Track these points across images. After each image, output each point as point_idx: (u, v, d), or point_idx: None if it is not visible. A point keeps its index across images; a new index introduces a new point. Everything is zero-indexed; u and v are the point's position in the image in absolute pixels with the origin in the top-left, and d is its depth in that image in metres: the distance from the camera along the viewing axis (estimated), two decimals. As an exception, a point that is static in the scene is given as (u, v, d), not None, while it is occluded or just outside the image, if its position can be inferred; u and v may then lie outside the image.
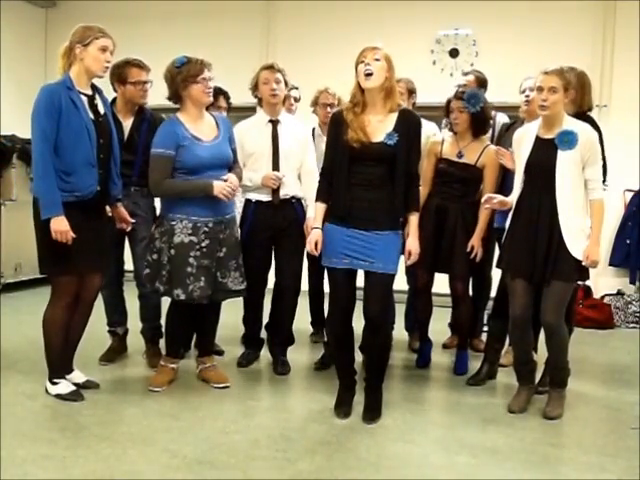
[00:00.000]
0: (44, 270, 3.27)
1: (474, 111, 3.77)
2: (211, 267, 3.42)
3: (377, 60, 2.98)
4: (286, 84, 3.85)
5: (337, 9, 6.42)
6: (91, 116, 3.18)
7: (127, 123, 3.78)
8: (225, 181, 3.38)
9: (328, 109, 4.15)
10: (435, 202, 3.85)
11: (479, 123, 3.83)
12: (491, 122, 3.97)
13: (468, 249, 3.76)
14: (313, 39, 6.45)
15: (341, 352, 3.22)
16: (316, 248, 3.11)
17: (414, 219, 3.12)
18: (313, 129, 4.28)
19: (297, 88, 4.39)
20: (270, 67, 3.82)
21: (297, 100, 4.45)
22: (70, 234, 3.07)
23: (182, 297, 3.39)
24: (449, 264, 3.84)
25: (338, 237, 3.07)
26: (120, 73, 3.72)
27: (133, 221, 3.57)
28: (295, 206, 3.87)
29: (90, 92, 3.24)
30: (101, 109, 3.27)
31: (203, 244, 3.41)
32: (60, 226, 3.05)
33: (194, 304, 3.45)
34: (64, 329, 3.30)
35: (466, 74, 4.56)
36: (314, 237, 3.12)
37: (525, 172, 3.24)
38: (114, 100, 3.81)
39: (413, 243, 3.11)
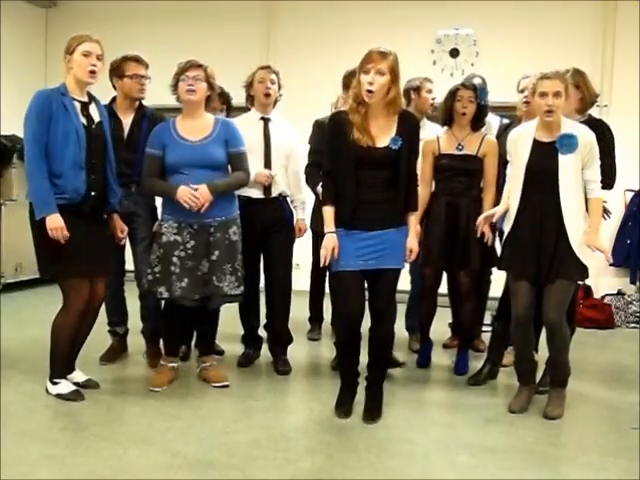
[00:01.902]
0: (43, 273, 3.30)
1: (483, 103, 3.84)
2: (196, 270, 3.41)
3: (381, 74, 2.90)
4: (279, 87, 3.92)
5: (337, 9, 6.42)
6: (82, 121, 3.20)
7: (127, 120, 3.78)
8: (196, 190, 3.33)
9: None
10: (445, 200, 3.82)
11: (481, 116, 3.87)
12: (485, 120, 4.00)
13: (478, 234, 3.70)
14: (313, 39, 6.45)
15: (347, 355, 3.21)
16: (333, 253, 3.02)
17: (413, 219, 3.13)
18: None
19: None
20: (267, 67, 3.92)
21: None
22: (65, 231, 3.09)
23: (165, 295, 3.41)
24: (466, 259, 3.80)
25: (347, 240, 3.05)
26: (117, 67, 3.75)
27: (124, 235, 3.54)
28: (283, 204, 3.93)
29: (85, 99, 3.26)
30: (95, 117, 3.28)
31: (188, 245, 3.41)
32: (55, 223, 3.08)
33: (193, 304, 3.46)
34: (73, 335, 3.31)
35: (472, 77, 4.57)
36: (331, 243, 3.02)
37: (525, 175, 3.24)
38: (114, 98, 3.83)
39: (413, 242, 3.11)
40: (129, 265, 3.97)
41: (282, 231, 3.88)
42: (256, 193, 3.82)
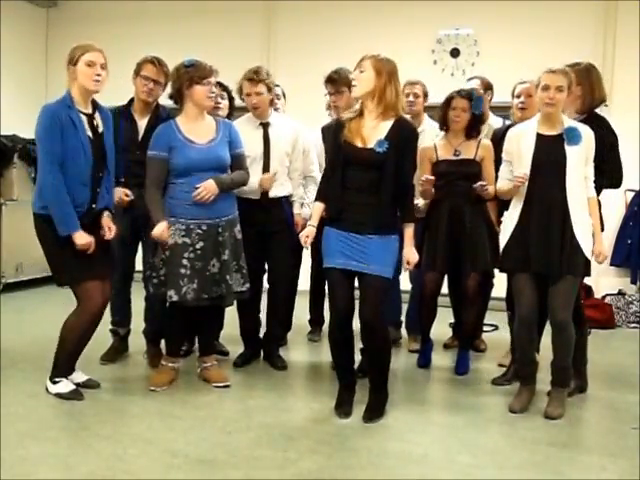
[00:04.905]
0: (64, 282, 3.30)
1: (478, 113, 3.85)
2: (205, 270, 3.41)
3: (361, 71, 3.05)
4: (269, 89, 3.83)
5: (337, 9, 6.42)
6: (89, 134, 3.22)
7: (142, 122, 3.75)
8: (197, 188, 3.35)
9: None
10: (448, 205, 3.80)
11: (475, 125, 3.89)
12: (484, 126, 4.03)
13: (479, 184, 3.68)
14: (313, 39, 6.44)
15: (340, 353, 3.22)
16: (310, 245, 3.21)
17: (409, 230, 3.14)
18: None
19: (278, 85, 4.37)
20: (251, 79, 3.77)
21: (279, 98, 4.41)
22: (93, 244, 3.18)
23: (174, 298, 3.39)
24: (473, 262, 3.80)
25: (333, 238, 3.11)
26: (137, 66, 3.74)
27: (112, 234, 3.37)
28: (284, 205, 3.93)
29: (90, 110, 3.27)
30: (100, 127, 3.29)
31: (197, 246, 3.41)
32: (83, 239, 3.15)
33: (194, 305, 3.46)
34: (82, 336, 3.32)
35: (470, 79, 4.57)
36: (307, 232, 3.19)
37: (532, 169, 3.24)
38: (132, 100, 3.82)
39: (410, 253, 3.15)
40: (139, 266, 3.95)
41: (284, 234, 3.88)
42: (255, 194, 3.82)
